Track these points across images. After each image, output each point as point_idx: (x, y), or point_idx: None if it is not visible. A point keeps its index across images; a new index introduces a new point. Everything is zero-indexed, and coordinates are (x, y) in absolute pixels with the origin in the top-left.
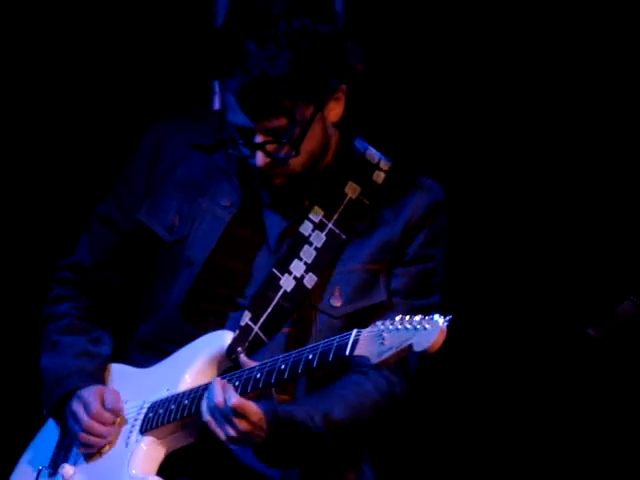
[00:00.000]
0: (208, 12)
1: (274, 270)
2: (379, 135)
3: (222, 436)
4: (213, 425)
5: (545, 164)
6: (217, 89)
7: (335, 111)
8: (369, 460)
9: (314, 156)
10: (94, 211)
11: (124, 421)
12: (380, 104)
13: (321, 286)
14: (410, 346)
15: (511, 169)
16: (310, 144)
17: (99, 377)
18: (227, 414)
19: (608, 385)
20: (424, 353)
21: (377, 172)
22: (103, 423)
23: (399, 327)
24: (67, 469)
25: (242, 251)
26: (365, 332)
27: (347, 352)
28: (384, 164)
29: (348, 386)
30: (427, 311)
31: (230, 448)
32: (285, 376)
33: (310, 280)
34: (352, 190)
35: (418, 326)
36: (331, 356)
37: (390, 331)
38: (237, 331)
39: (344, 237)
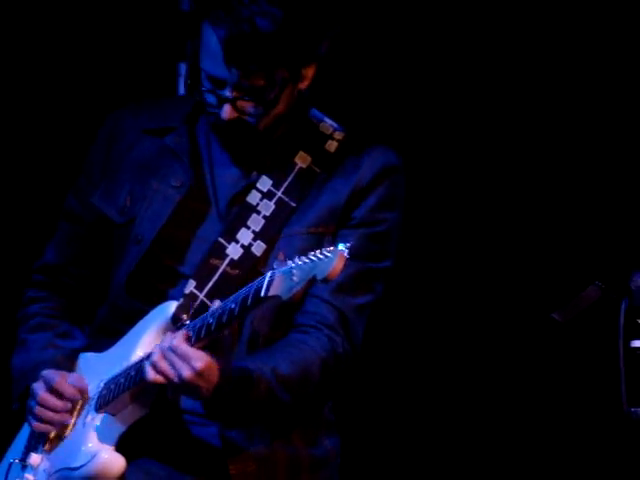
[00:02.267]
0: None
1: (220, 239)
2: (342, 107)
3: (163, 379)
4: (155, 374)
5: (514, 145)
6: (183, 71)
7: (307, 79)
8: (334, 434)
9: (278, 119)
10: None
11: (84, 404)
12: (345, 76)
13: (267, 251)
14: (314, 276)
15: (478, 151)
16: (279, 108)
17: (65, 367)
18: (170, 357)
19: (572, 369)
20: (326, 280)
21: (330, 142)
22: (60, 397)
23: (306, 261)
24: (34, 458)
25: (191, 223)
26: (277, 272)
27: (262, 293)
28: (338, 134)
29: (292, 344)
30: (376, 276)
31: (186, 423)
32: (213, 328)
33: (258, 248)
34: (302, 159)
35: (321, 256)
36: (250, 300)
37: (298, 267)
38: (181, 299)
39: (294, 205)
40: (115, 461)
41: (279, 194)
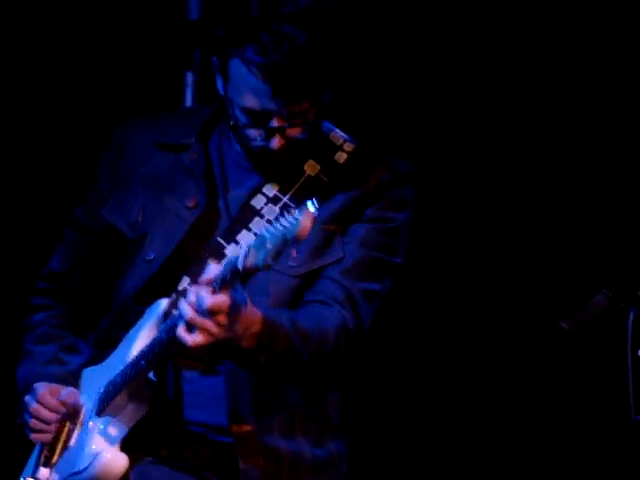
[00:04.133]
0: (180, 4)
1: (219, 239)
2: (353, 120)
3: (206, 338)
4: (193, 335)
5: (520, 154)
6: (189, 80)
7: (330, 95)
8: (340, 437)
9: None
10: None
11: (85, 412)
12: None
13: None
14: (286, 239)
15: (486, 158)
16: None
17: (69, 384)
18: (204, 314)
19: (580, 378)
20: (298, 239)
21: (339, 153)
22: (49, 408)
23: (278, 227)
24: (42, 472)
25: (204, 236)
26: (252, 243)
27: (240, 267)
28: (348, 146)
29: (307, 308)
30: (384, 268)
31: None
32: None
33: None
34: (311, 168)
35: (290, 218)
36: (229, 276)
37: (271, 234)
38: (173, 295)
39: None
40: (118, 459)
41: (285, 199)
